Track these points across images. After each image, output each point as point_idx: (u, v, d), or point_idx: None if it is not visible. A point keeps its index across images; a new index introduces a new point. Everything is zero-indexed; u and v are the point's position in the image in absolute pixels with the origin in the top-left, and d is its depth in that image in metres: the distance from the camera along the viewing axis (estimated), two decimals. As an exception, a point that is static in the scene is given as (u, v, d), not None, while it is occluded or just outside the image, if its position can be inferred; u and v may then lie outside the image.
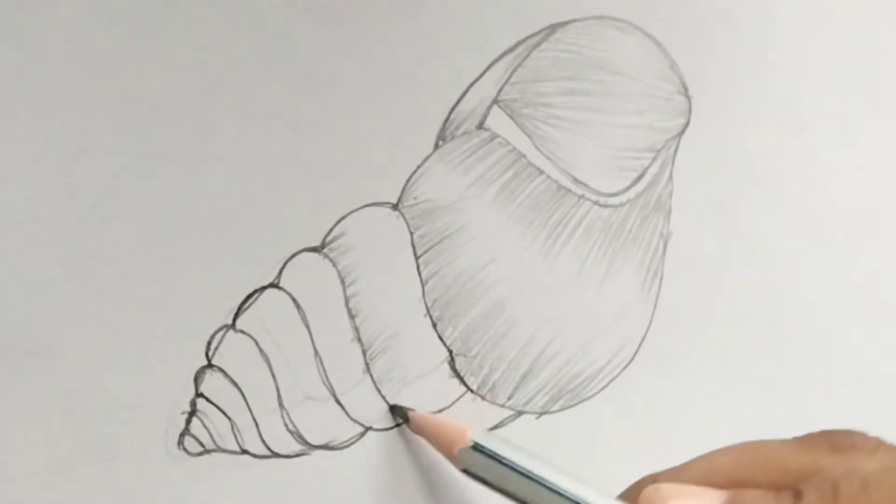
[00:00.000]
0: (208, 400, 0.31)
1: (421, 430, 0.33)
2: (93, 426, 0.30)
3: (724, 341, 0.41)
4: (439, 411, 0.34)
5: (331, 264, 0.33)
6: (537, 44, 0.36)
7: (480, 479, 0.30)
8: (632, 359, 0.38)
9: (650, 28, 0.38)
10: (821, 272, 0.43)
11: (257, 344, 0.32)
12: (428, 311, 0.34)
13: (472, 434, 0.31)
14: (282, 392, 0.32)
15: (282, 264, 0.32)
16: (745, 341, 0.41)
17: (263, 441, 0.32)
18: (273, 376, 0.32)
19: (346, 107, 0.33)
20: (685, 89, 0.38)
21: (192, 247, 0.31)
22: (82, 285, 0.30)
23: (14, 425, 0.29)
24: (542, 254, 0.35)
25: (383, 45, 0.34)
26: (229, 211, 0.32)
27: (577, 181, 0.36)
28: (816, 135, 0.40)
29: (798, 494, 0.26)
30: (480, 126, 0.35)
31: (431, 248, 0.34)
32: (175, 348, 0.31)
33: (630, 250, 0.37)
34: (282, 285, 0.32)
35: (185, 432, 0.31)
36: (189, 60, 0.31)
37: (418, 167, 0.34)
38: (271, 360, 0.32)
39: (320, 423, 0.32)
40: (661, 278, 0.38)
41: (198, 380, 0.31)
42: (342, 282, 0.33)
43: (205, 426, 0.31)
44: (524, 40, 0.36)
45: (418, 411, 0.33)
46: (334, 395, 0.33)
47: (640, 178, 0.37)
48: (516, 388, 0.35)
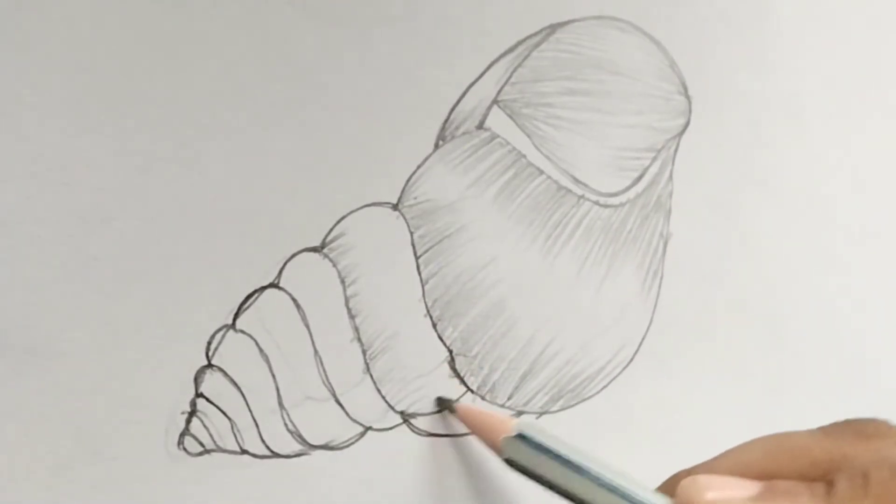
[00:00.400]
0: (208, 400, 0.31)
1: (466, 420, 0.33)
2: (93, 426, 0.30)
3: (724, 341, 0.41)
4: (439, 412, 0.34)
5: (331, 264, 0.33)
6: (537, 44, 0.36)
7: (523, 468, 0.30)
8: (632, 359, 0.38)
9: (650, 28, 0.38)
10: (821, 272, 0.43)
11: (257, 344, 0.32)
12: (428, 311, 0.34)
13: (517, 424, 0.31)
14: (282, 392, 0.32)
15: (282, 264, 0.32)
16: (745, 341, 0.41)
17: (263, 441, 0.32)
18: (273, 376, 0.32)
19: (346, 107, 0.33)
20: (685, 89, 0.38)
21: (192, 247, 0.31)
22: (82, 285, 0.30)
23: (14, 425, 0.29)
24: (542, 254, 0.35)
25: (383, 45, 0.34)
26: (229, 211, 0.32)
27: (577, 181, 0.36)
28: (816, 135, 0.40)
29: (830, 483, 0.27)
30: (480, 126, 0.35)
31: (431, 248, 0.34)
32: (175, 348, 0.31)
33: (630, 250, 0.37)
34: (282, 285, 0.32)
35: (185, 432, 0.31)
36: (189, 60, 0.31)
37: (418, 167, 0.34)
38: (271, 360, 0.32)
39: (320, 423, 0.32)
40: (661, 278, 0.38)
41: (198, 380, 0.31)
42: (342, 282, 0.33)
43: (205, 426, 0.31)
44: (524, 40, 0.36)
45: (463, 402, 0.33)
46: (334, 395, 0.33)
47: (640, 178, 0.37)
48: (516, 388, 0.35)
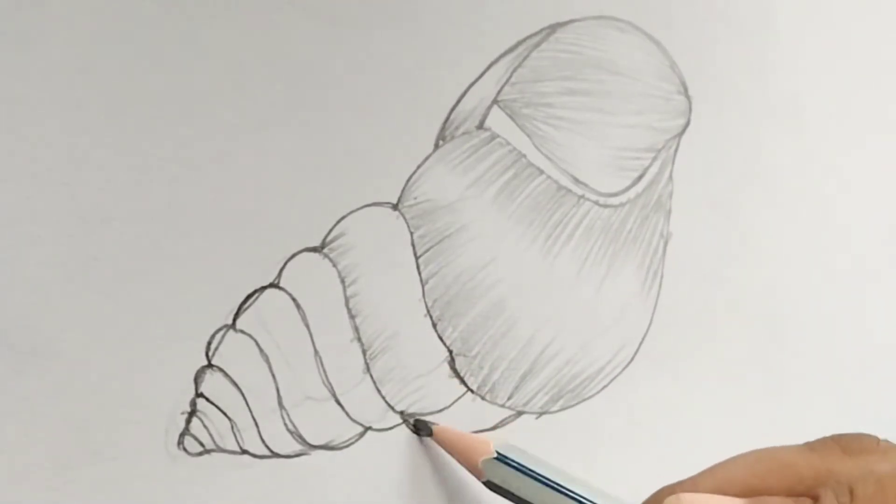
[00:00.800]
0: (208, 400, 0.31)
1: (444, 443, 0.33)
2: (93, 426, 0.30)
3: (724, 341, 0.41)
4: (439, 411, 0.34)
5: (331, 264, 0.33)
6: (537, 44, 0.36)
7: (503, 490, 0.31)
8: (632, 359, 0.38)
9: (650, 28, 0.38)
10: (821, 272, 0.43)
11: (257, 344, 0.32)
12: (428, 311, 0.34)
13: (496, 445, 0.31)
14: (282, 392, 0.32)
15: (282, 264, 0.32)
16: (745, 341, 0.41)
17: (263, 441, 0.32)
18: (273, 376, 0.32)
19: (346, 107, 0.33)
20: (685, 89, 0.38)
21: (192, 247, 0.31)
22: (82, 285, 0.30)
23: (14, 425, 0.29)
24: (542, 254, 0.35)
25: (383, 45, 0.34)
26: (229, 211, 0.32)
27: (577, 181, 0.36)
28: (816, 135, 0.40)
29: (816, 499, 0.27)
30: (480, 126, 0.35)
31: (431, 248, 0.34)
32: (175, 348, 0.31)
33: (630, 250, 0.37)
34: (282, 285, 0.32)
35: (185, 432, 0.31)
36: (189, 61, 0.31)
37: (418, 167, 0.34)
38: (271, 360, 0.32)
39: (320, 423, 0.32)
40: (661, 278, 0.38)
41: (198, 380, 0.31)
42: (342, 282, 0.33)
43: (205, 426, 0.31)
44: (524, 40, 0.36)
45: (441, 424, 0.33)
46: (334, 395, 0.33)
47: (640, 178, 0.37)
48: (516, 388, 0.35)
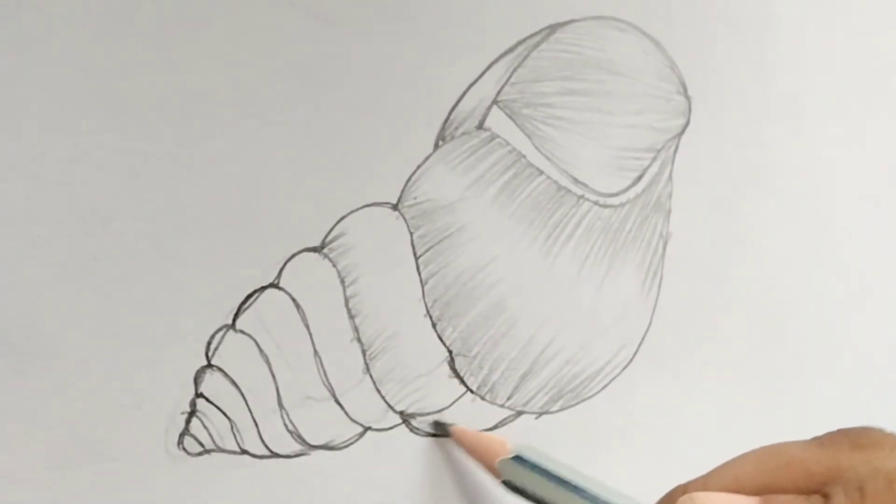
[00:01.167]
0: (208, 400, 0.31)
1: (462, 443, 0.33)
2: (93, 426, 0.30)
3: (724, 341, 0.41)
4: (439, 411, 0.34)
5: (331, 264, 0.33)
6: (537, 44, 0.36)
7: (521, 490, 0.31)
8: (632, 359, 0.38)
9: (650, 28, 0.38)
10: (821, 272, 0.43)
11: (257, 344, 0.32)
12: (428, 311, 0.34)
13: (514, 446, 0.31)
14: (281, 392, 0.32)
15: (282, 264, 0.32)
16: (745, 341, 0.41)
17: (263, 441, 0.32)
18: (273, 376, 0.32)
19: (346, 107, 0.33)
20: (685, 89, 0.38)
21: (192, 247, 0.31)
22: (82, 285, 0.30)
23: (14, 425, 0.29)
24: (542, 254, 0.35)
25: (383, 45, 0.34)
26: (229, 211, 0.32)
27: (577, 181, 0.36)
28: (816, 135, 0.40)
29: (826, 497, 0.26)
30: (480, 126, 0.35)
31: (431, 248, 0.34)
32: (175, 348, 0.31)
33: (630, 250, 0.37)
34: (282, 285, 0.32)
35: (185, 432, 0.31)
36: (189, 61, 0.31)
37: (418, 167, 0.34)
38: (271, 360, 0.32)
39: (320, 423, 0.32)
40: (661, 278, 0.38)
41: (198, 380, 0.31)
42: (342, 282, 0.33)
43: (205, 426, 0.31)
44: (524, 40, 0.36)
45: (459, 425, 0.34)
46: (334, 395, 0.33)
47: (639, 179, 0.37)
48: (516, 388, 0.35)
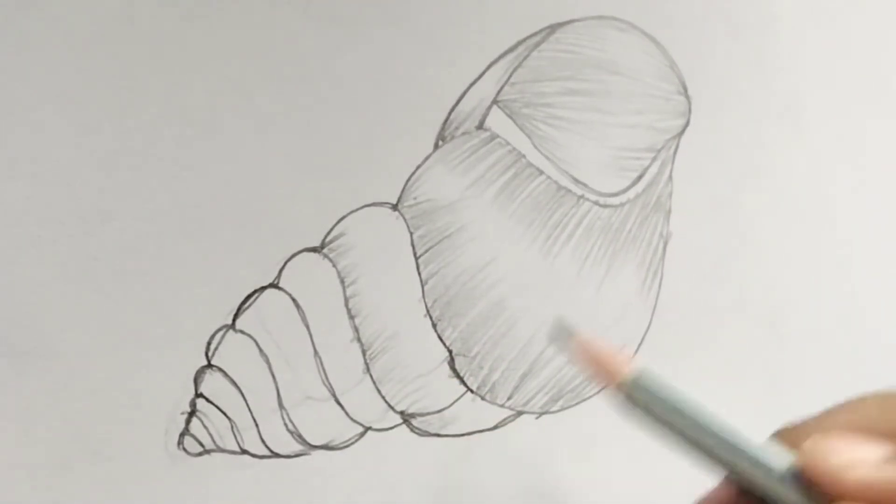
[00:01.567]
0: (208, 400, 0.31)
1: (581, 353, 0.32)
2: (93, 426, 0.30)
3: (724, 341, 0.41)
4: (439, 411, 0.34)
5: (331, 264, 0.33)
6: (537, 44, 0.36)
7: (643, 408, 0.30)
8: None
9: (650, 28, 0.38)
10: (821, 272, 0.43)
11: (257, 344, 0.32)
12: (428, 311, 0.34)
13: (635, 369, 0.30)
14: (282, 392, 0.32)
15: (282, 264, 0.32)
16: (745, 341, 0.41)
17: (263, 441, 0.32)
18: (273, 376, 0.32)
19: (346, 107, 0.33)
20: (685, 89, 0.38)
21: (192, 247, 0.31)
22: (82, 285, 0.30)
23: (14, 425, 0.29)
24: (542, 254, 0.35)
25: (383, 45, 0.34)
26: (229, 211, 0.32)
27: (577, 181, 0.36)
28: (816, 135, 0.40)
29: None
30: (480, 126, 0.35)
31: (431, 248, 0.34)
32: (175, 348, 0.31)
33: (630, 250, 0.37)
34: (282, 285, 0.32)
35: (185, 432, 0.31)
36: (189, 61, 0.31)
37: (418, 167, 0.34)
38: (271, 360, 0.32)
39: (320, 423, 0.32)
40: (661, 278, 0.38)
41: (198, 380, 0.31)
42: (342, 282, 0.33)
43: (205, 426, 0.31)
44: (524, 40, 0.36)
45: (584, 335, 0.32)
46: (334, 395, 0.33)
47: (640, 178, 0.37)
48: (516, 387, 0.35)
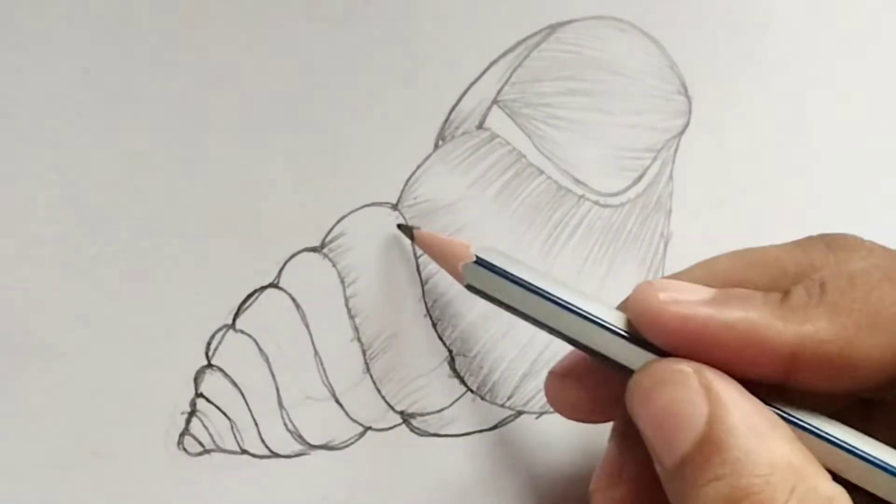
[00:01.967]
0: (208, 400, 0.31)
1: (425, 247, 0.32)
2: (93, 426, 0.30)
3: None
4: (439, 411, 0.34)
5: (331, 264, 0.33)
6: (537, 44, 0.36)
7: (484, 294, 0.29)
8: (632, 359, 0.38)
9: (650, 28, 0.38)
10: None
11: (257, 344, 0.32)
12: (428, 312, 0.34)
13: (475, 249, 0.30)
14: (281, 392, 0.32)
15: (282, 264, 0.32)
16: (746, 341, 0.41)
17: (263, 441, 0.32)
18: (273, 376, 0.32)
19: (346, 107, 0.33)
20: (685, 89, 0.38)
21: (192, 247, 0.31)
22: (82, 285, 0.30)
23: (14, 425, 0.29)
24: (542, 254, 0.35)
25: (383, 45, 0.34)
26: (229, 211, 0.32)
27: (577, 181, 0.36)
28: (816, 135, 0.40)
29: (787, 293, 0.26)
30: (480, 126, 0.35)
31: (431, 248, 0.34)
32: (175, 348, 0.31)
33: (630, 250, 0.37)
34: (282, 285, 0.32)
35: (185, 432, 0.31)
36: (189, 61, 0.31)
37: (418, 167, 0.34)
38: (271, 360, 0.32)
39: (320, 423, 0.32)
40: (662, 278, 0.38)
41: (198, 380, 0.31)
42: (342, 282, 0.33)
43: (205, 426, 0.31)
44: (524, 40, 0.36)
45: (423, 229, 0.32)
46: (334, 395, 0.33)
47: (640, 178, 0.37)
48: (516, 387, 0.35)
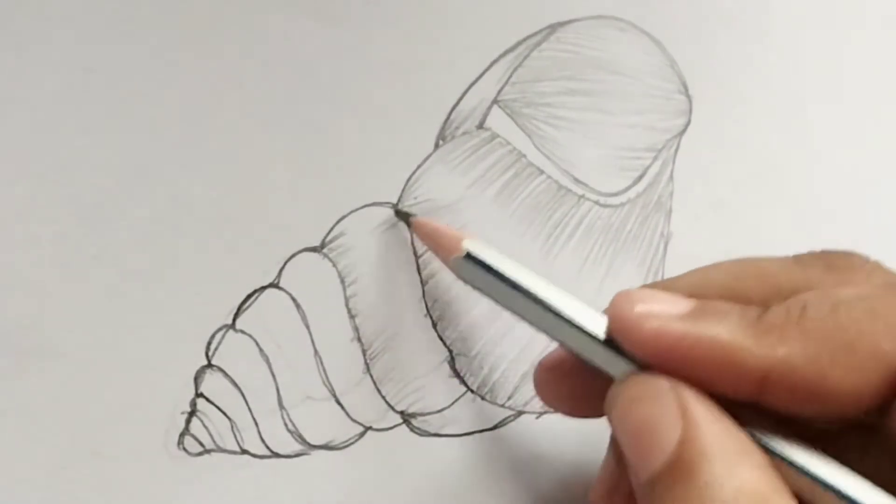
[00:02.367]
0: (208, 400, 0.31)
1: (422, 235, 0.32)
2: (93, 426, 0.30)
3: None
4: (439, 411, 0.34)
5: (331, 264, 0.33)
6: (537, 44, 0.36)
7: (474, 286, 0.30)
8: (632, 359, 0.38)
9: (650, 28, 0.38)
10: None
11: (257, 344, 0.32)
12: (428, 311, 0.34)
13: (467, 244, 0.30)
14: (282, 392, 0.32)
15: (282, 264, 0.32)
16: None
17: (263, 441, 0.32)
18: (273, 376, 0.32)
19: (346, 107, 0.33)
20: (685, 89, 0.38)
21: (192, 247, 0.31)
22: (82, 285, 0.30)
23: (14, 425, 0.29)
24: (542, 254, 0.35)
25: (383, 45, 0.34)
26: (229, 211, 0.32)
27: (577, 181, 0.36)
28: (816, 135, 0.40)
29: (765, 310, 0.25)
30: (480, 126, 0.35)
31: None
32: (175, 348, 0.31)
33: (630, 250, 0.37)
34: (282, 285, 0.32)
35: (185, 432, 0.31)
36: (189, 60, 0.31)
37: (418, 167, 0.34)
38: (271, 360, 0.32)
39: (320, 423, 0.32)
40: (662, 278, 0.38)
41: (198, 380, 0.31)
42: (342, 282, 0.33)
43: (205, 426, 0.31)
44: (524, 40, 0.36)
45: (420, 217, 0.32)
46: (334, 395, 0.33)
47: (640, 178, 0.37)
48: (516, 387, 0.35)
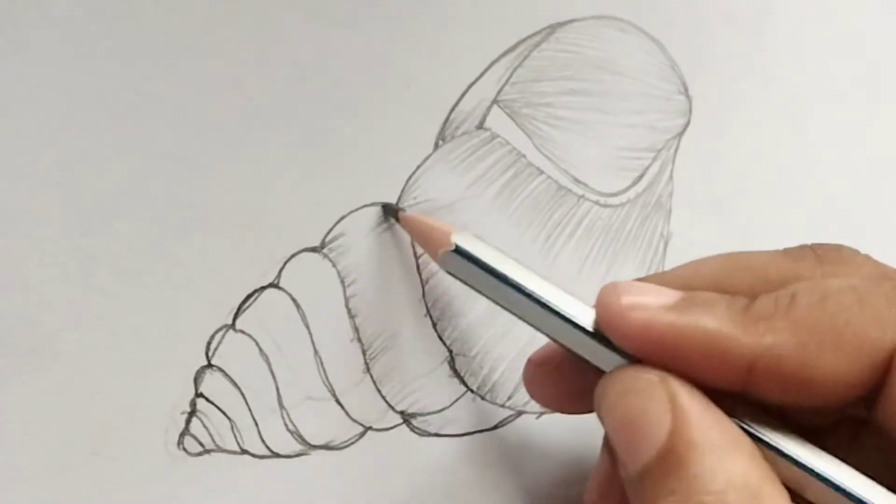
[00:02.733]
0: (208, 400, 0.31)
1: (409, 230, 0.32)
2: (93, 426, 0.30)
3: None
4: (439, 411, 0.34)
5: (331, 264, 0.33)
6: (537, 44, 0.36)
7: (462, 281, 0.30)
8: (632, 359, 0.38)
9: (650, 28, 0.38)
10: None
11: (257, 344, 0.32)
12: (428, 311, 0.34)
13: (455, 237, 0.30)
14: (282, 392, 0.32)
15: (282, 264, 0.32)
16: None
17: (263, 441, 0.32)
18: (273, 376, 0.32)
19: (346, 107, 0.33)
20: (685, 89, 0.38)
21: (192, 247, 0.31)
22: (82, 285, 0.30)
23: (14, 425, 0.29)
24: (542, 254, 0.35)
25: (383, 45, 0.34)
26: (229, 211, 0.32)
27: (577, 181, 0.36)
28: (816, 135, 0.40)
29: (752, 300, 0.25)
30: (480, 126, 0.35)
31: (431, 248, 0.34)
32: (175, 348, 0.31)
33: (630, 250, 0.37)
34: (281, 285, 0.32)
35: (185, 432, 0.31)
36: (189, 60, 0.31)
37: (418, 167, 0.34)
38: (271, 360, 0.32)
39: (320, 423, 0.32)
40: (662, 278, 0.38)
41: (198, 380, 0.31)
42: (342, 282, 0.33)
43: (205, 426, 0.31)
44: (524, 40, 0.36)
45: (408, 212, 0.32)
46: (334, 395, 0.33)
47: (640, 178, 0.37)
48: (516, 387, 0.35)
